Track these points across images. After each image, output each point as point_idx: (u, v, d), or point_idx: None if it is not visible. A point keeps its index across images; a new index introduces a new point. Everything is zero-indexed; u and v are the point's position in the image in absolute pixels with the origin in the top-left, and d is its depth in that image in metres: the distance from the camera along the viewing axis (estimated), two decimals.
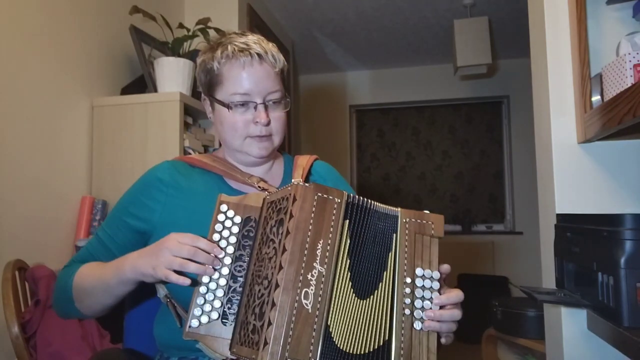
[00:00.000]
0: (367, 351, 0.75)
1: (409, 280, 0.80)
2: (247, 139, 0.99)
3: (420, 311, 0.79)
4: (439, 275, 0.81)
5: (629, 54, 1.10)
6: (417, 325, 0.78)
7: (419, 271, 0.81)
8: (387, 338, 0.76)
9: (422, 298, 0.79)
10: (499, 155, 4.56)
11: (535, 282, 1.94)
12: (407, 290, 0.79)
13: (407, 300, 0.79)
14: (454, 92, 4.54)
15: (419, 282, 0.80)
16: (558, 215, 1.37)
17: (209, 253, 0.80)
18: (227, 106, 0.97)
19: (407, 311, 0.78)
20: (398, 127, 4.81)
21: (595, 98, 1.28)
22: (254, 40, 0.99)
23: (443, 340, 0.83)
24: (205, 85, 1.02)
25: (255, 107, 0.97)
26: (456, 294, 0.82)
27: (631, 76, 1.08)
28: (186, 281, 0.77)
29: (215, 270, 0.80)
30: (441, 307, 0.80)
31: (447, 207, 4.59)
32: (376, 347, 0.76)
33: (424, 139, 4.75)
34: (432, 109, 4.74)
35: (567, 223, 1.31)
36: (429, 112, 4.75)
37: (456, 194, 4.61)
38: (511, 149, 4.46)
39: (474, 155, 4.61)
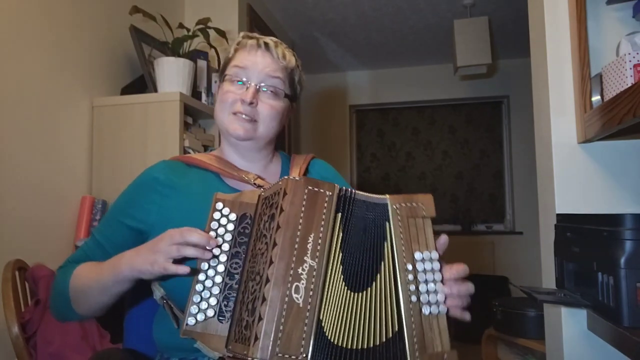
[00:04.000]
0: (372, 345, 0.74)
1: (410, 267, 0.79)
2: (231, 116, 1.00)
3: (427, 295, 0.78)
4: (437, 255, 0.81)
5: (629, 54, 1.10)
6: (426, 310, 0.78)
7: (417, 255, 0.80)
8: (397, 329, 0.76)
9: (426, 282, 0.79)
10: (499, 155, 4.56)
11: (535, 282, 1.94)
12: (410, 277, 0.79)
13: (412, 287, 0.78)
14: (454, 92, 4.54)
15: (419, 266, 0.80)
16: (558, 215, 1.37)
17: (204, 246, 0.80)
18: (224, 77, 1.02)
19: (414, 298, 0.78)
20: (398, 127, 4.81)
21: (595, 98, 1.28)
22: (270, 38, 1.05)
23: (467, 316, 0.83)
24: (221, 71, 1.08)
25: (248, 88, 1.00)
26: (462, 268, 0.83)
27: (631, 76, 1.08)
28: (185, 269, 0.77)
29: (212, 254, 0.79)
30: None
31: (447, 207, 4.59)
32: (384, 340, 0.75)
33: (424, 139, 4.75)
34: (432, 109, 4.74)
35: (567, 223, 1.31)
36: (429, 112, 4.75)
37: (456, 194, 4.61)
38: (511, 149, 4.45)
39: (474, 155, 4.61)
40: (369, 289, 0.78)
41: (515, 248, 4.29)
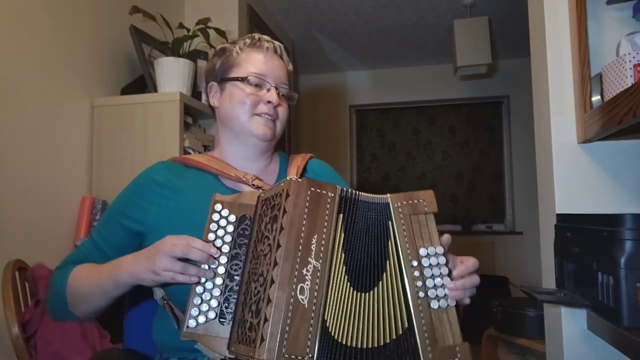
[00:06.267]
0: (383, 343, 0.75)
1: (415, 263, 0.80)
2: (254, 117, 1.01)
3: (434, 290, 0.79)
4: (442, 249, 0.82)
5: (629, 54, 1.10)
6: (434, 304, 0.79)
7: (422, 251, 0.81)
8: (407, 325, 0.77)
9: (432, 277, 0.80)
10: (499, 156, 4.56)
11: (535, 282, 1.94)
12: (416, 273, 0.79)
13: (419, 283, 0.79)
14: (454, 92, 4.54)
15: (425, 262, 0.80)
16: (558, 215, 1.37)
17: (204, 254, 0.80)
18: (244, 79, 1.01)
19: (422, 294, 0.79)
20: (398, 127, 4.81)
21: (595, 98, 1.28)
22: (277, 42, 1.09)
23: (467, 301, 0.83)
24: (220, 69, 1.05)
25: (268, 90, 1.02)
26: (473, 263, 0.84)
27: (631, 76, 1.08)
28: (194, 278, 0.78)
29: (211, 270, 0.80)
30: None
31: (447, 207, 4.59)
32: (395, 337, 0.76)
33: (424, 139, 4.75)
34: (432, 109, 4.74)
35: (567, 223, 1.31)
36: (429, 112, 4.75)
37: (456, 194, 4.61)
38: (511, 149, 4.45)
39: (474, 155, 4.61)
40: (376, 288, 0.78)
41: (515, 248, 4.29)
